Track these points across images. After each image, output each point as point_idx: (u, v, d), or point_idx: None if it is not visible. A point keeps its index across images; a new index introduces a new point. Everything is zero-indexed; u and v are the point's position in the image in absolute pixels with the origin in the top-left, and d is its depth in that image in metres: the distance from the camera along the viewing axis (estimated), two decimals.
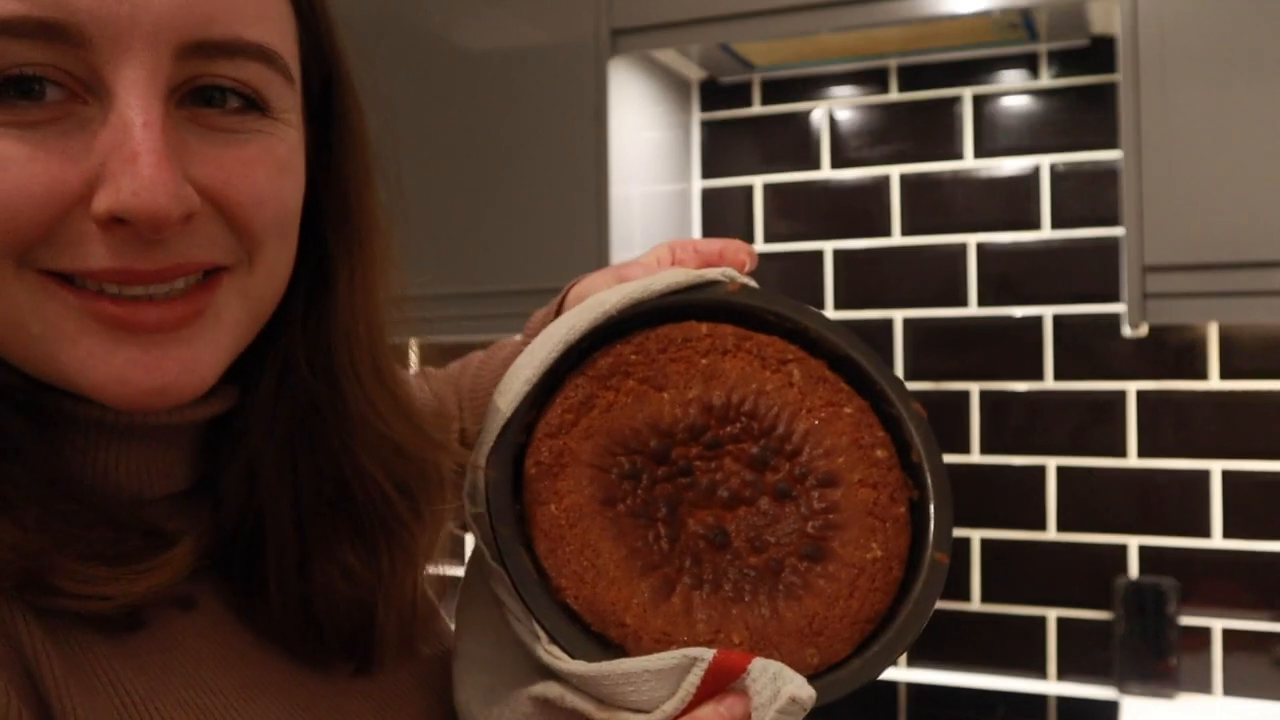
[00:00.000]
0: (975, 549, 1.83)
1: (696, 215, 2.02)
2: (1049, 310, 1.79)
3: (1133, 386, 1.75)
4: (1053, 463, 1.79)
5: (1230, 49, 1.40)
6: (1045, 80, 1.80)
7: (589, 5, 1.70)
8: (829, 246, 1.92)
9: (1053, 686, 1.78)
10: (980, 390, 1.83)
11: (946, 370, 1.85)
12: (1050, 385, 1.79)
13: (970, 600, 1.83)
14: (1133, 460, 1.74)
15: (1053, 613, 1.79)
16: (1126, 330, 1.52)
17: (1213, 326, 1.70)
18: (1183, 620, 1.71)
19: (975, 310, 1.83)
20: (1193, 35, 1.41)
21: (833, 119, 1.92)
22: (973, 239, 1.84)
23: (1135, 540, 1.74)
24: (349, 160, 0.55)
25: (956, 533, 1.82)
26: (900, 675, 1.84)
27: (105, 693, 0.44)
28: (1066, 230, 1.78)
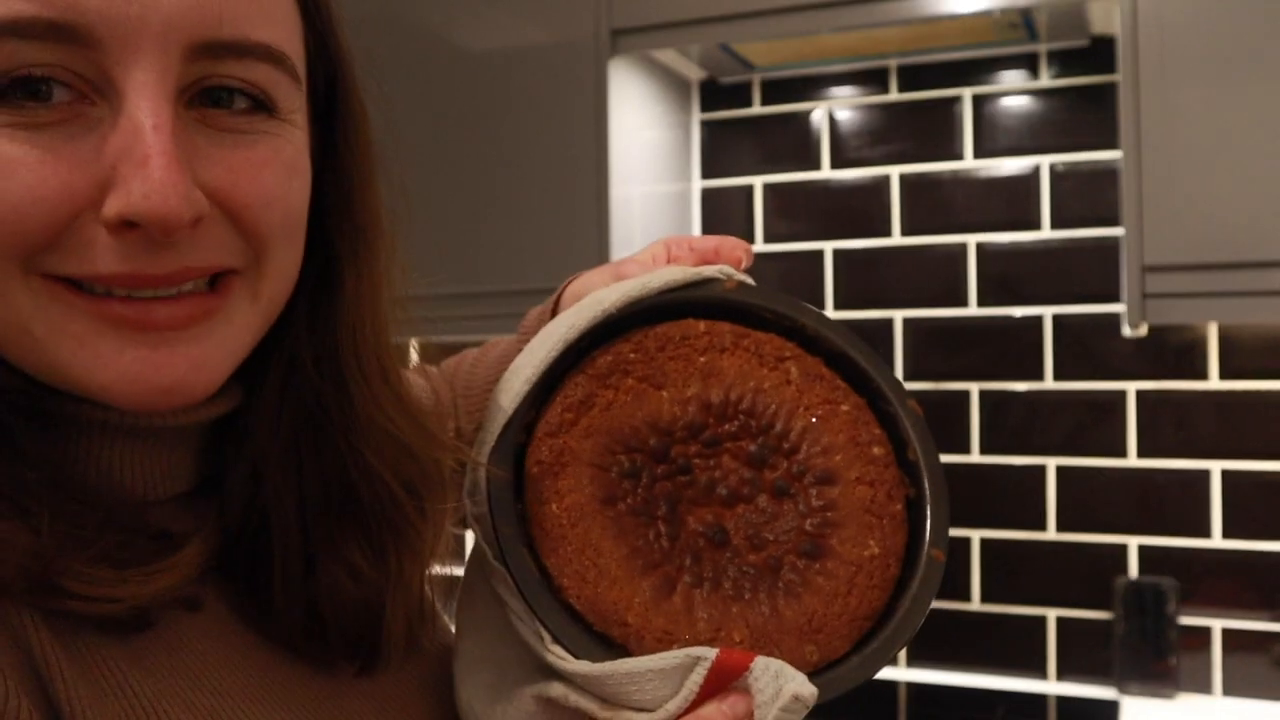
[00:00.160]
0: (975, 549, 1.83)
1: (696, 215, 2.02)
2: (1049, 310, 1.79)
3: (1133, 386, 1.75)
4: (1053, 463, 1.79)
5: (1230, 49, 1.40)
6: (1045, 80, 1.80)
7: (589, 5, 1.70)
8: (829, 246, 1.92)
9: (1053, 686, 1.78)
10: (980, 390, 1.83)
11: (946, 370, 1.85)
12: (1050, 385, 1.79)
13: (970, 600, 1.83)
14: (1133, 460, 1.74)
15: (1053, 613, 1.79)
16: (1126, 330, 1.52)
17: (1212, 326, 1.70)
18: (1182, 620, 1.71)
19: (975, 310, 1.83)
20: (1193, 35, 1.41)
21: (833, 119, 1.92)
22: (973, 239, 1.84)
23: (1135, 540, 1.74)
24: (354, 161, 0.55)
25: (956, 533, 1.82)
26: (900, 675, 1.84)
27: (114, 695, 0.44)
28: (1066, 230, 1.78)
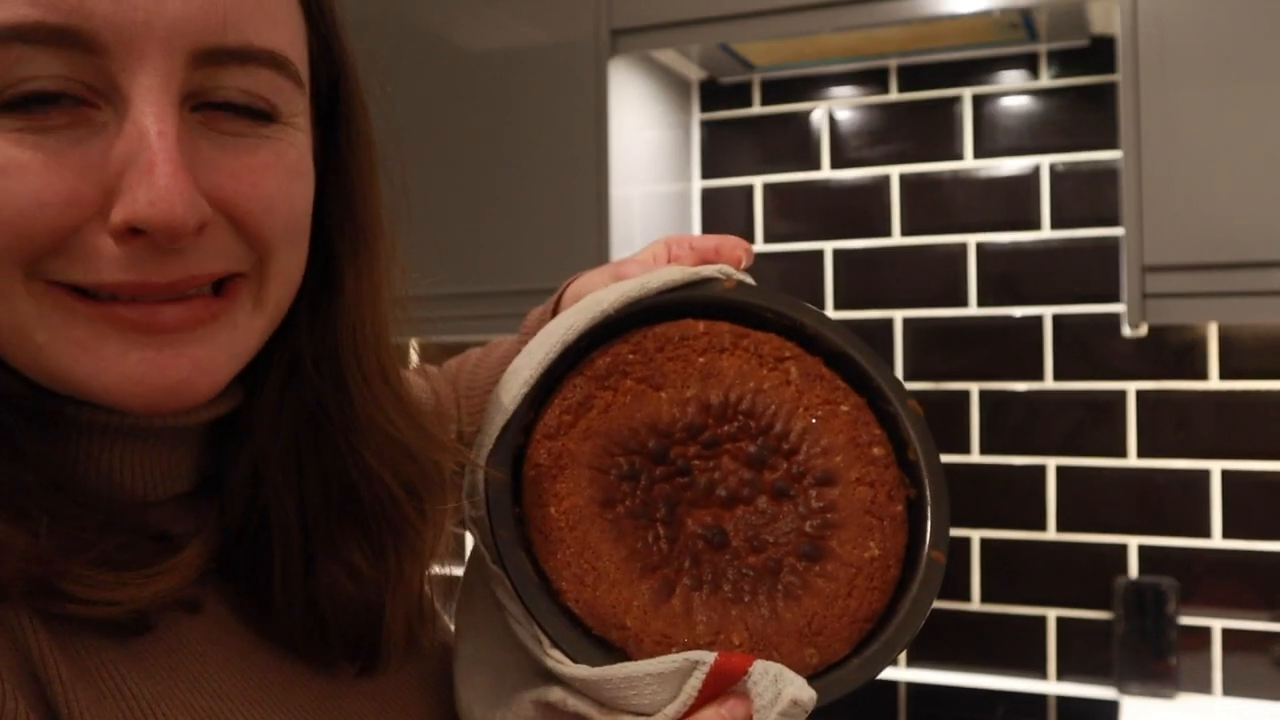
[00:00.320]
0: (975, 549, 1.83)
1: (696, 215, 2.02)
2: (1049, 310, 1.79)
3: (1133, 386, 1.75)
4: (1053, 463, 1.79)
5: (1230, 49, 1.40)
6: (1045, 80, 1.80)
7: (589, 5, 1.70)
8: (829, 246, 1.92)
9: (1053, 686, 1.78)
10: (980, 390, 1.83)
11: (946, 370, 1.85)
12: (1050, 385, 1.79)
13: (970, 600, 1.83)
14: (1133, 460, 1.74)
15: (1053, 613, 1.79)
16: (1126, 330, 1.52)
17: (1212, 326, 1.70)
18: (1182, 620, 1.71)
19: (975, 310, 1.83)
20: (1193, 35, 1.41)
21: (833, 119, 1.92)
22: (973, 239, 1.84)
23: (1135, 540, 1.74)
24: (355, 162, 0.54)
25: (956, 533, 1.82)
26: (900, 675, 1.84)
27: (112, 698, 0.44)
28: (1066, 230, 1.78)
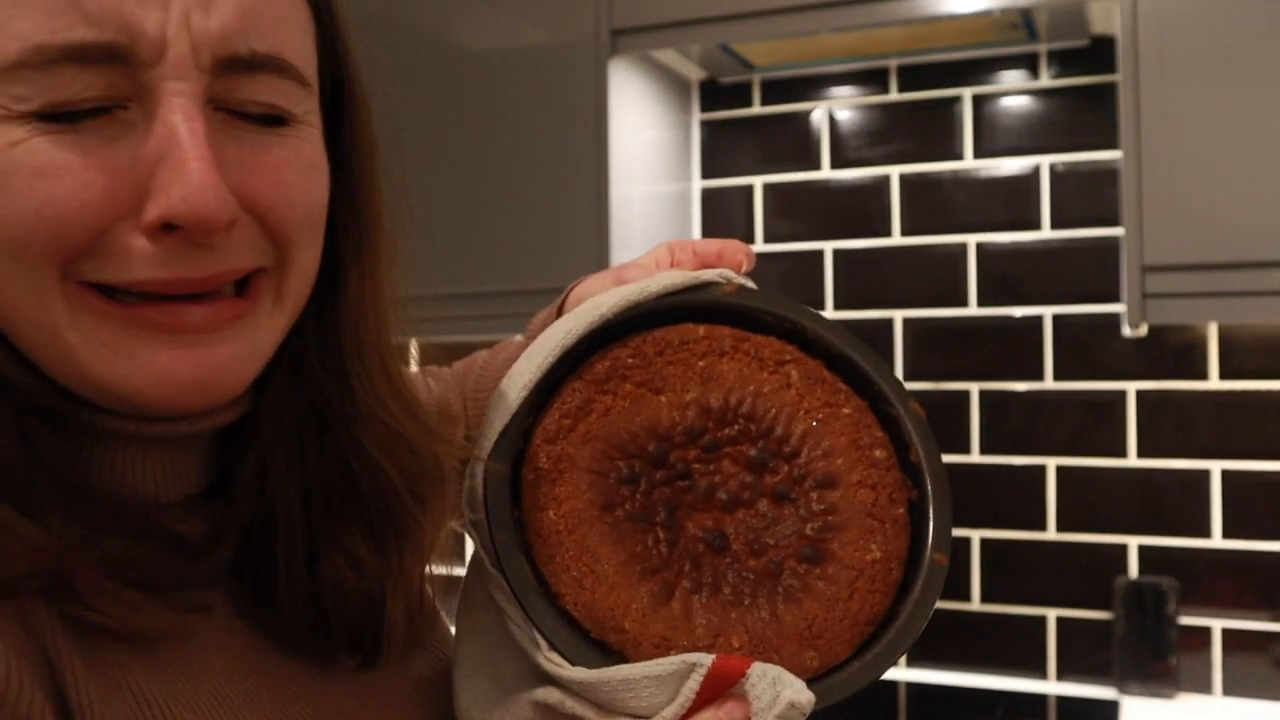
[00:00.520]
0: (975, 549, 1.83)
1: (696, 215, 2.02)
2: (1049, 310, 1.79)
3: (1133, 386, 1.75)
4: (1053, 463, 1.79)
5: (1230, 49, 1.40)
6: (1045, 80, 1.80)
7: (589, 5, 1.70)
8: (829, 246, 1.92)
9: (1053, 686, 1.78)
10: (980, 390, 1.83)
11: (946, 370, 1.85)
12: (1050, 385, 1.79)
13: (970, 600, 1.83)
14: (1133, 460, 1.74)
15: (1053, 613, 1.79)
16: (1126, 330, 1.52)
17: (1212, 326, 1.70)
18: (1182, 620, 1.71)
19: (975, 310, 1.83)
20: (1193, 35, 1.41)
21: (833, 119, 1.92)
22: (973, 239, 1.84)
23: (1135, 540, 1.74)
24: (358, 161, 0.55)
25: (956, 533, 1.82)
26: (900, 675, 1.84)
27: (121, 693, 0.45)
28: (1066, 230, 1.78)
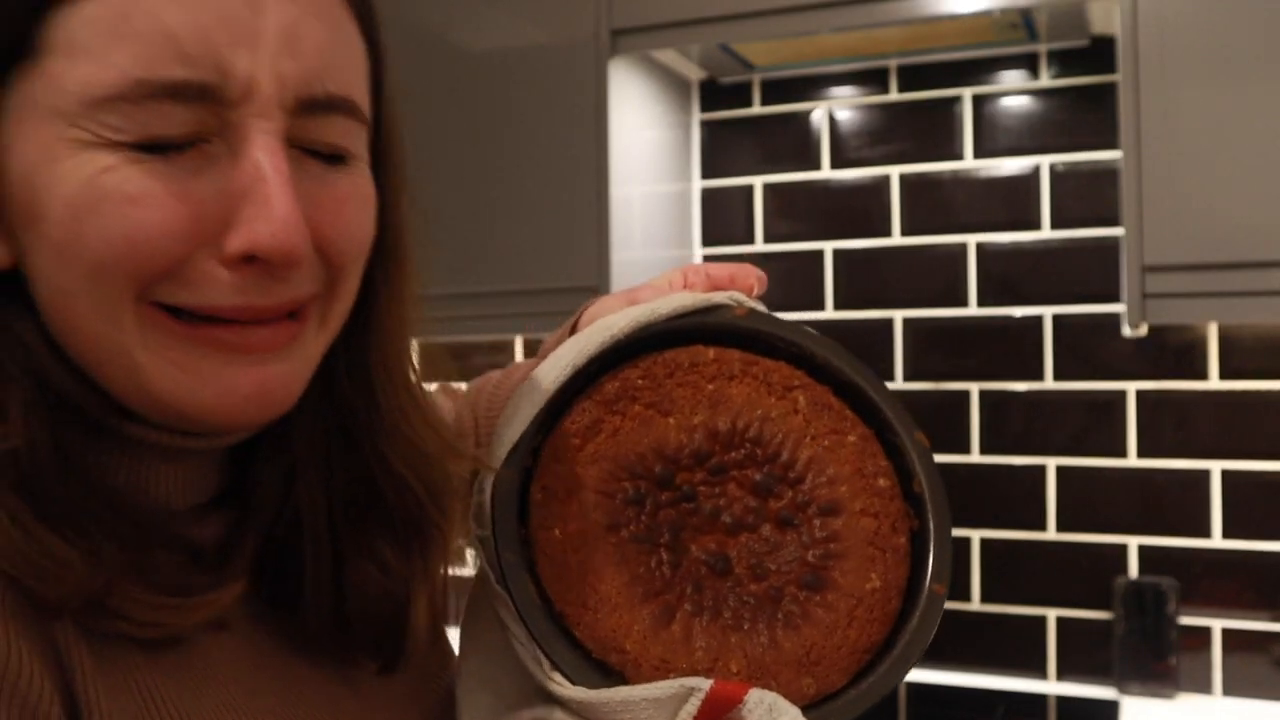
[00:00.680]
0: (975, 549, 1.83)
1: (696, 215, 2.02)
2: (1049, 310, 1.79)
3: (1133, 386, 1.75)
4: (1053, 463, 1.79)
5: (1230, 49, 1.40)
6: (1045, 80, 1.80)
7: (589, 5, 1.70)
8: (829, 246, 1.92)
9: (1053, 686, 1.78)
10: (980, 390, 1.83)
11: (946, 370, 1.85)
12: (1050, 385, 1.79)
13: (970, 600, 1.83)
14: (1133, 460, 1.74)
15: (1053, 613, 1.79)
16: (1126, 330, 1.52)
17: (1212, 326, 1.70)
18: (1183, 620, 1.71)
19: (975, 310, 1.83)
20: (1193, 35, 1.41)
21: (833, 119, 1.92)
22: (973, 239, 1.84)
23: (1135, 540, 1.74)
24: (393, 193, 0.57)
25: (957, 533, 1.82)
26: None
27: (129, 692, 0.45)
28: (1066, 230, 1.78)
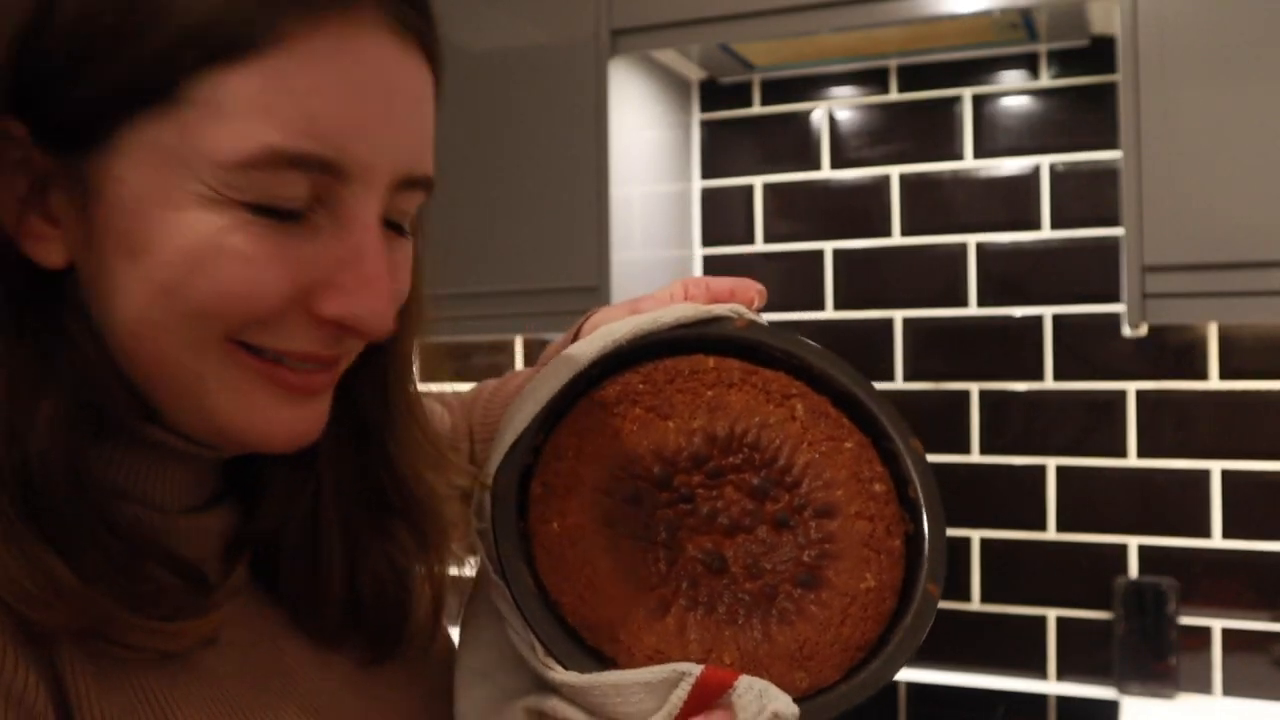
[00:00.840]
0: (975, 549, 1.83)
1: (696, 215, 2.02)
2: (1049, 310, 1.79)
3: (1133, 386, 1.75)
4: (1053, 463, 1.79)
5: (1230, 49, 1.40)
6: (1045, 80, 1.80)
7: (589, 5, 1.70)
8: (829, 246, 1.92)
9: (1053, 686, 1.78)
10: (980, 390, 1.83)
11: (946, 370, 1.85)
12: (1050, 385, 1.79)
13: (970, 600, 1.83)
14: (1133, 460, 1.74)
15: (1053, 613, 1.79)
16: (1126, 330, 1.52)
17: (1212, 326, 1.70)
18: (1183, 620, 1.71)
19: (975, 310, 1.83)
20: (1193, 35, 1.41)
21: (833, 119, 1.92)
22: (973, 239, 1.84)
23: (1135, 540, 1.74)
24: (419, 236, 0.59)
25: (957, 533, 1.83)
26: (900, 675, 1.84)
27: (121, 688, 0.46)
28: (1066, 230, 1.78)
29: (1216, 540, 1.70)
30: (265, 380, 0.49)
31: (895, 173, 1.88)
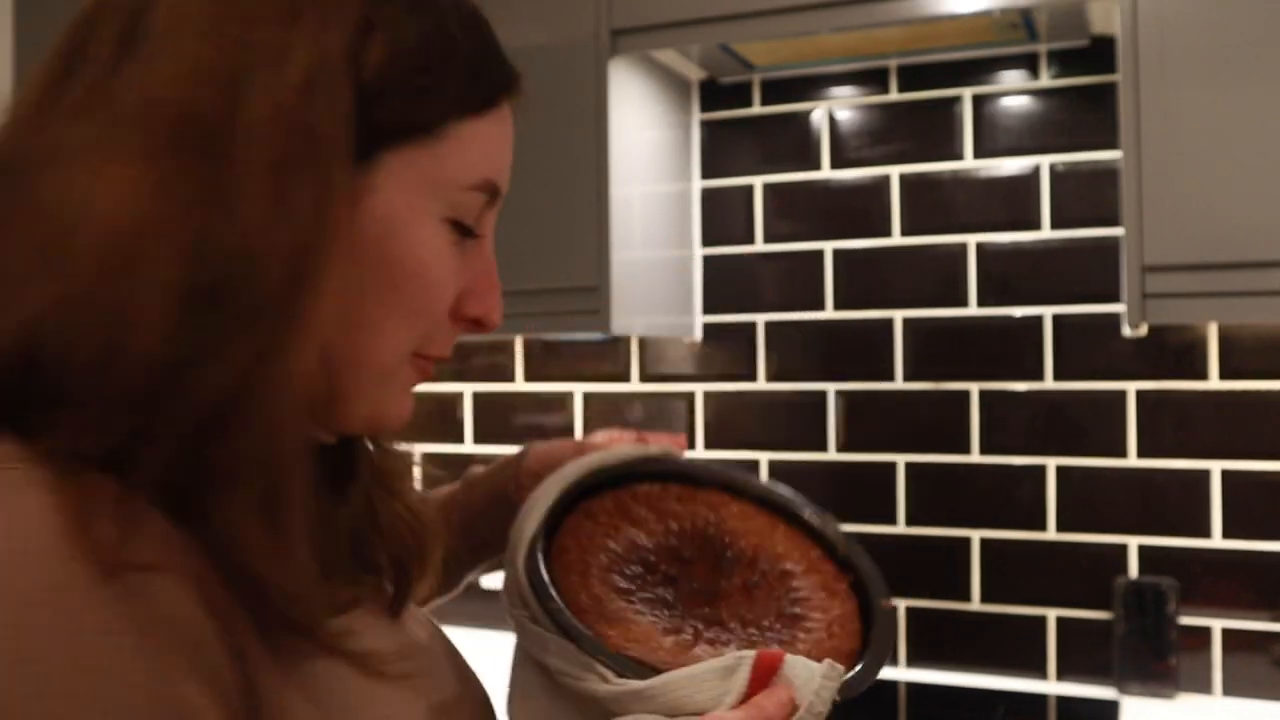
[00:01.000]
0: (975, 549, 1.83)
1: (696, 215, 2.02)
2: (1049, 310, 1.79)
3: (1133, 386, 1.75)
4: (1053, 463, 1.79)
5: (1230, 49, 1.40)
6: (1045, 80, 1.80)
7: (589, 5, 1.70)
8: (829, 246, 1.92)
9: (1053, 686, 1.78)
10: (980, 390, 1.83)
11: (946, 370, 1.85)
12: (1050, 385, 1.79)
13: (970, 600, 1.83)
14: (1133, 460, 1.74)
15: (1053, 613, 1.79)
16: (1126, 330, 1.52)
17: (1212, 326, 1.70)
18: (1182, 620, 1.71)
19: (975, 310, 1.83)
20: (1193, 35, 1.41)
21: (833, 119, 1.92)
22: (973, 239, 1.84)
23: (1135, 540, 1.74)
24: None
25: (957, 533, 1.83)
26: (900, 675, 1.84)
27: (299, 677, 0.51)
28: (1066, 230, 1.78)
29: (1216, 540, 1.70)
30: (420, 377, 0.60)
31: (895, 173, 1.88)
